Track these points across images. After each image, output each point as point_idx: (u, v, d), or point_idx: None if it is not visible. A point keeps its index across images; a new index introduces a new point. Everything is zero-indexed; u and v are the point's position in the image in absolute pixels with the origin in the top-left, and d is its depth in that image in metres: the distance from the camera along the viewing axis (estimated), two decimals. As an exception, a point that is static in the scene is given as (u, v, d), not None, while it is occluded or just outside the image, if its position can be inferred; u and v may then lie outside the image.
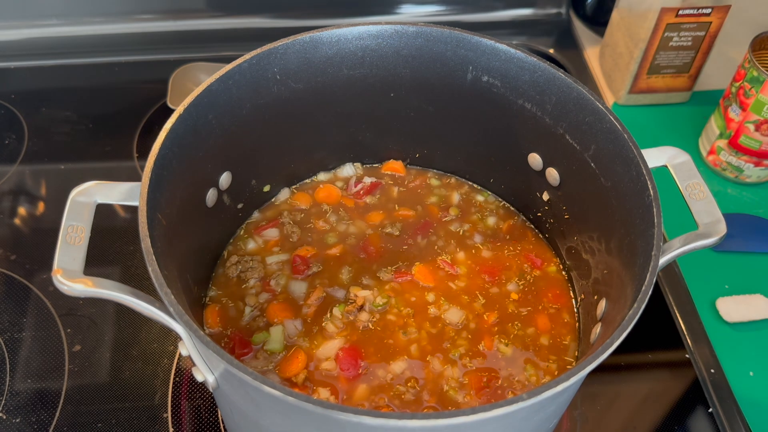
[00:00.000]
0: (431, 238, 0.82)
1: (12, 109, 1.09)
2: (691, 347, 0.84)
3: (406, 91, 0.78)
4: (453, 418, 0.46)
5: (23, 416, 0.75)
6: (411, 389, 0.69)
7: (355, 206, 0.85)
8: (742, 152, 0.98)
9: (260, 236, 0.81)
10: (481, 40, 0.72)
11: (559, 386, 0.48)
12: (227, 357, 0.48)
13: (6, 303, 0.85)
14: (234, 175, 0.75)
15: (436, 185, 0.88)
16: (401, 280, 0.77)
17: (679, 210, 0.64)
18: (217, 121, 0.69)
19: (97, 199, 0.58)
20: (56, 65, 1.17)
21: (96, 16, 1.20)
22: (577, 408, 0.78)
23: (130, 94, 1.13)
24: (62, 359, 0.80)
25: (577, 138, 0.70)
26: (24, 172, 1.01)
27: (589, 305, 0.72)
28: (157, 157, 0.60)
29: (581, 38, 1.25)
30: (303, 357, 0.70)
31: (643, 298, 0.54)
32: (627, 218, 0.63)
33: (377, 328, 0.73)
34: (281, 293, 0.76)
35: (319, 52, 0.73)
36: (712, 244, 0.59)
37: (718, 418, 0.78)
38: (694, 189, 0.62)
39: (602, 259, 0.70)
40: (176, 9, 1.20)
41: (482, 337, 0.73)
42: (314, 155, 0.85)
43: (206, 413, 0.76)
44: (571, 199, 0.75)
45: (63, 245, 0.55)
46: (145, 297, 0.53)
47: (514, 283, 0.78)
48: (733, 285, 0.89)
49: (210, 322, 0.73)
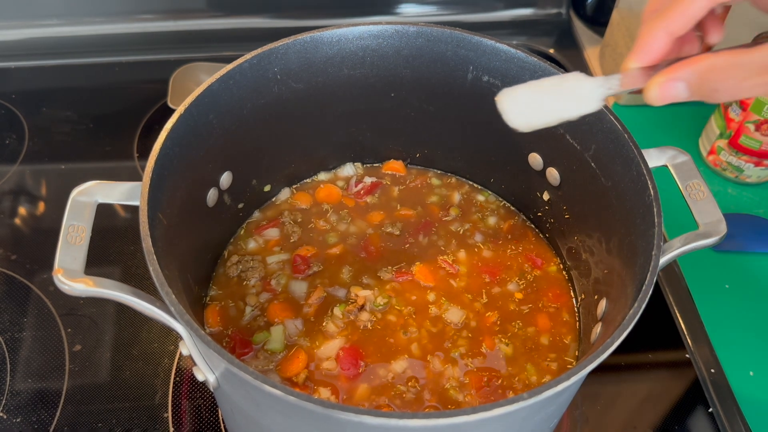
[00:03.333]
0: (432, 237, 0.82)
1: (12, 109, 1.09)
2: (692, 347, 0.84)
3: (407, 91, 0.78)
4: (454, 418, 0.46)
5: (24, 416, 0.76)
6: (412, 389, 0.69)
7: (355, 206, 0.85)
8: (743, 152, 0.98)
9: (261, 236, 0.81)
10: (482, 40, 0.72)
11: (559, 386, 0.48)
12: (228, 356, 0.48)
13: (6, 303, 0.85)
14: (235, 174, 0.75)
15: (437, 185, 0.88)
16: (402, 279, 0.77)
17: (680, 210, 0.64)
18: (218, 121, 0.69)
19: (98, 198, 0.58)
20: (56, 65, 1.17)
21: (96, 16, 1.20)
22: (578, 407, 0.78)
23: (130, 94, 1.13)
24: (63, 359, 0.80)
25: (577, 138, 0.70)
26: (24, 172, 1.01)
27: (589, 305, 0.72)
28: (157, 157, 0.60)
29: (581, 38, 1.25)
30: (304, 357, 0.70)
31: (644, 298, 0.54)
32: (627, 218, 0.63)
33: (378, 328, 0.73)
34: (282, 293, 0.76)
35: (320, 52, 0.73)
36: (712, 244, 0.59)
37: (719, 418, 0.78)
38: (694, 189, 0.62)
39: (602, 258, 0.70)
40: (176, 9, 1.20)
41: (483, 337, 0.73)
42: (315, 155, 0.85)
43: (207, 413, 0.76)
44: (571, 199, 0.75)
45: (64, 245, 0.55)
46: (145, 296, 0.54)
47: (515, 283, 0.78)
48: (733, 285, 0.89)
49: (210, 322, 0.74)
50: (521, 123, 0.54)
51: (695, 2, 0.49)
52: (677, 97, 0.50)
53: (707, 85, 0.48)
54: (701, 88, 0.48)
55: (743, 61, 0.46)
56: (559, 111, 0.53)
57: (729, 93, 0.48)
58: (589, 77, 0.53)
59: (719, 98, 0.48)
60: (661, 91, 0.50)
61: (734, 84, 0.47)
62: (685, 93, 0.49)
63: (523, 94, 0.54)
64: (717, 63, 0.47)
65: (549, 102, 0.53)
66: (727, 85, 0.47)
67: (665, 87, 0.49)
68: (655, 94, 0.50)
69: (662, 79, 0.50)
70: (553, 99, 0.53)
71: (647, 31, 0.51)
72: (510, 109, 0.54)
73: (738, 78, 0.47)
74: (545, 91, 0.54)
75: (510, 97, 0.54)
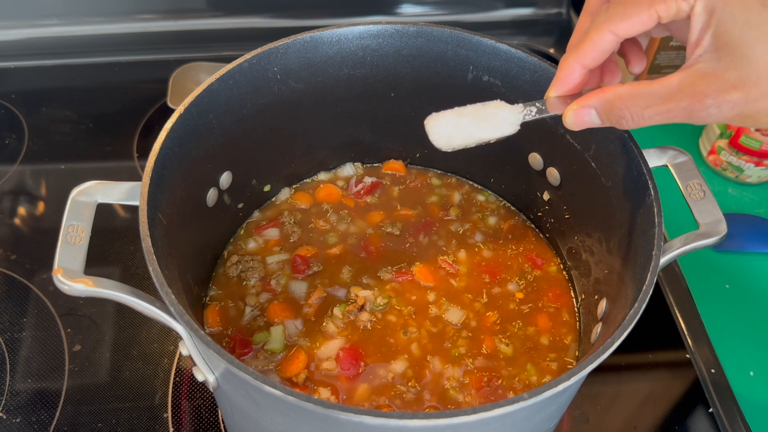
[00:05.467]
0: (432, 237, 0.82)
1: (12, 109, 1.09)
2: (692, 347, 0.84)
3: (407, 90, 0.78)
4: (454, 418, 0.46)
5: (23, 416, 0.75)
6: (412, 389, 0.69)
7: (355, 206, 0.85)
8: (743, 152, 0.98)
9: (261, 236, 0.81)
10: (482, 40, 0.72)
11: (559, 386, 0.48)
12: (228, 357, 0.48)
13: (6, 303, 0.85)
14: (234, 174, 0.75)
15: (437, 185, 0.88)
16: (402, 279, 0.77)
17: (680, 210, 0.64)
18: (218, 121, 0.69)
19: (98, 198, 0.58)
20: (56, 65, 1.17)
21: (96, 16, 1.20)
22: (578, 408, 0.78)
23: (130, 94, 1.13)
24: (62, 359, 0.80)
25: (577, 138, 0.70)
26: (24, 171, 1.01)
27: (589, 305, 0.72)
28: (157, 157, 0.60)
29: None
30: (303, 357, 0.70)
31: (644, 298, 0.54)
32: (627, 218, 0.63)
33: (378, 328, 0.73)
34: (282, 293, 0.76)
35: (320, 52, 0.73)
36: (712, 244, 0.59)
37: (719, 418, 0.78)
38: (694, 189, 0.62)
39: (603, 258, 0.70)
40: (176, 9, 1.20)
41: (483, 337, 0.73)
42: (315, 155, 0.85)
43: (206, 413, 0.76)
44: (571, 199, 0.75)
45: (63, 245, 0.55)
46: (145, 297, 0.53)
47: (515, 283, 0.78)
48: (733, 285, 0.89)
49: (210, 322, 0.73)
50: (443, 144, 0.59)
51: (603, 38, 0.53)
52: (591, 122, 0.54)
53: (614, 113, 0.52)
54: (609, 115, 0.52)
55: (645, 92, 0.50)
56: (477, 135, 0.59)
57: (633, 120, 0.51)
58: (509, 105, 0.59)
59: (626, 125, 0.52)
60: (575, 117, 0.54)
61: (637, 111, 0.50)
62: (596, 119, 0.53)
63: (447, 118, 0.59)
64: (622, 93, 0.51)
65: (468, 127, 0.59)
66: (631, 113, 0.51)
67: (578, 113, 0.54)
68: (570, 119, 0.54)
69: (575, 107, 0.54)
70: (474, 123, 0.59)
71: (564, 63, 0.56)
72: (435, 131, 0.59)
73: (640, 107, 0.50)
74: (466, 117, 0.59)
75: (436, 121, 0.59)
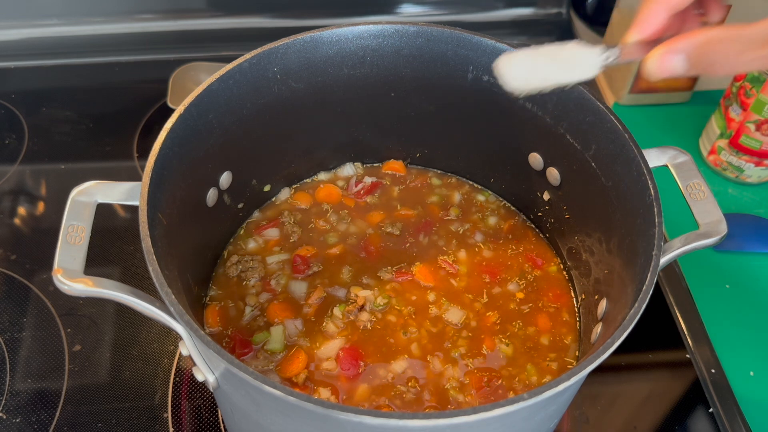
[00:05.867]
0: (432, 237, 0.82)
1: (12, 109, 1.09)
2: (692, 347, 0.84)
3: (407, 90, 0.78)
4: (454, 418, 0.46)
5: (23, 416, 0.75)
6: (412, 389, 0.69)
7: (355, 206, 0.85)
8: (743, 152, 0.98)
9: (260, 236, 0.81)
10: (482, 40, 0.72)
11: (560, 386, 0.48)
12: (228, 357, 0.48)
13: (6, 303, 0.85)
14: (234, 174, 0.75)
15: (437, 185, 0.88)
16: (402, 279, 0.77)
17: (680, 210, 0.64)
18: (218, 121, 0.69)
19: (98, 198, 0.58)
20: (56, 65, 1.17)
21: (96, 16, 1.20)
22: (578, 408, 0.78)
23: (130, 94, 1.13)
24: (62, 359, 0.80)
25: (577, 138, 0.70)
26: (24, 171, 1.01)
27: (589, 305, 0.72)
28: (157, 157, 0.60)
29: (581, 38, 1.25)
30: (303, 357, 0.70)
31: (644, 298, 0.54)
32: (628, 218, 0.63)
33: (378, 328, 0.73)
34: (282, 293, 0.76)
35: (320, 52, 0.73)
36: (712, 244, 0.59)
37: (719, 418, 0.78)
38: (694, 189, 0.62)
39: (603, 258, 0.70)
40: (176, 9, 1.20)
41: (483, 337, 0.73)
42: (315, 155, 0.85)
43: (206, 413, 0.76)
44: (571, 199, 0.75)
45: (63, 245, 0.55)
46: (145, 297, 0.53)
47: (515, 283, 0.78)
48: (733, 285, 0.89)
49: (210, 322, 0.73)
50: (517, 86, 0.55)
51: None
52: (675, 69, 0.50)
53: (705, 58, 0.48)
54: (699, 61, 0.49)
55: (742, 35, 0.47)
56: (554, 76, 0.54)
57: (727, 66, 0.48)
58: (588, 46, 0.53)
59: (717, 71, 0.48)
60: (659, 63, 0.50)
61: (732, 57, 0.47)
62: (683, 66, 0.50)
63: (521, 58, 0.55)
64: (716, 36, 0.48)
65: (546, 67, 0.54)
66: (725, 58, 0.48)
67: (664, 59, 0.50)
68: (654, 65, 0.51)
69: (661, 51, 0.50)
70: (550, 64, 0.54)
71: (647, 5, 0.53)
72: (507, 72, 0.55)
73: (736, 51, 0.47)
74: (543, 57, 0.55)
75: (508, 62, 0.55)
